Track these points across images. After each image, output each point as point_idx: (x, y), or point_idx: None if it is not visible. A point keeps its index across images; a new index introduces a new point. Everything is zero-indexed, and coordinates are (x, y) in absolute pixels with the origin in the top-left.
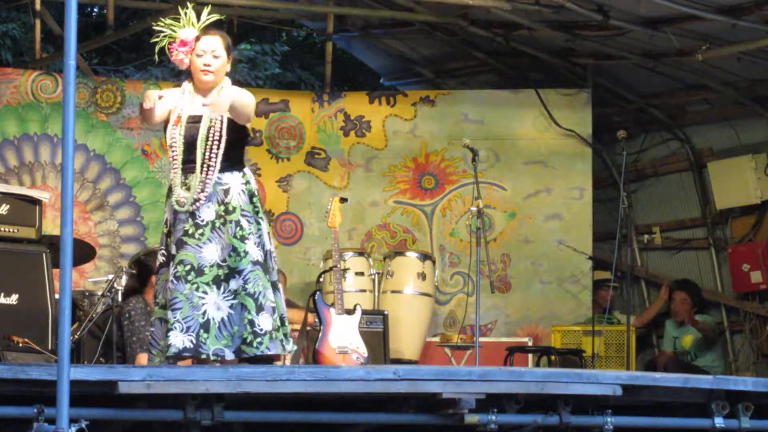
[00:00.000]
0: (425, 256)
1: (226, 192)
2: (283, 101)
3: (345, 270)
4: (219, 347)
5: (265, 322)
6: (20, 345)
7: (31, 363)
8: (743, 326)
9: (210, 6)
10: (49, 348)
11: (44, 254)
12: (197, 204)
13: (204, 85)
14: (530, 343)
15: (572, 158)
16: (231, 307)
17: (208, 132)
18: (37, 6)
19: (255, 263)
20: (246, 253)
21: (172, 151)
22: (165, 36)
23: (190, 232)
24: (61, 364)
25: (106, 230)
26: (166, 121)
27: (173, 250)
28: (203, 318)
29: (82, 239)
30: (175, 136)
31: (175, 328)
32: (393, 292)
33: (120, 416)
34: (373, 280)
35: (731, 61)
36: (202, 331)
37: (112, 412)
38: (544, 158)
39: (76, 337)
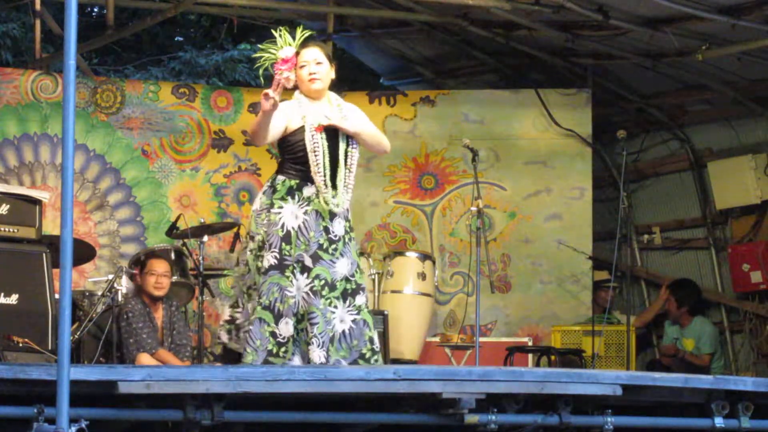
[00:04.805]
0: (425, 256)
1: (349, 209)
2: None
3: None
4: (336, 359)
5: (377, 339)
6: (20, 345)
7: (31, 363)
8: (743, 326)
9: (302, 25)
10: (49, 348)
11: (44, 254)
12: (340, 209)
13: (316, 94)
14: (530, 343)
15: (572, 158)
16: (354, 321)
17: (349, 139)
18: (37, 6)
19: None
20: (362, 270)
21: (316, 156)
22: (266, 59)
23: (325, 246)
24: (61, 364)
25: (106, 230)
26: (284, 134)
27: (307, 262)
28: (332, 331)
29: (82, 239)
30: (318, 141)
31: (313, 343)
32: (393, 292)
33: (120, 416)
34: (373, 280)
35: (731, 61)
36: (330, 344)
37: (112, 412)
38: (544, 158)
39: (76, 337)
